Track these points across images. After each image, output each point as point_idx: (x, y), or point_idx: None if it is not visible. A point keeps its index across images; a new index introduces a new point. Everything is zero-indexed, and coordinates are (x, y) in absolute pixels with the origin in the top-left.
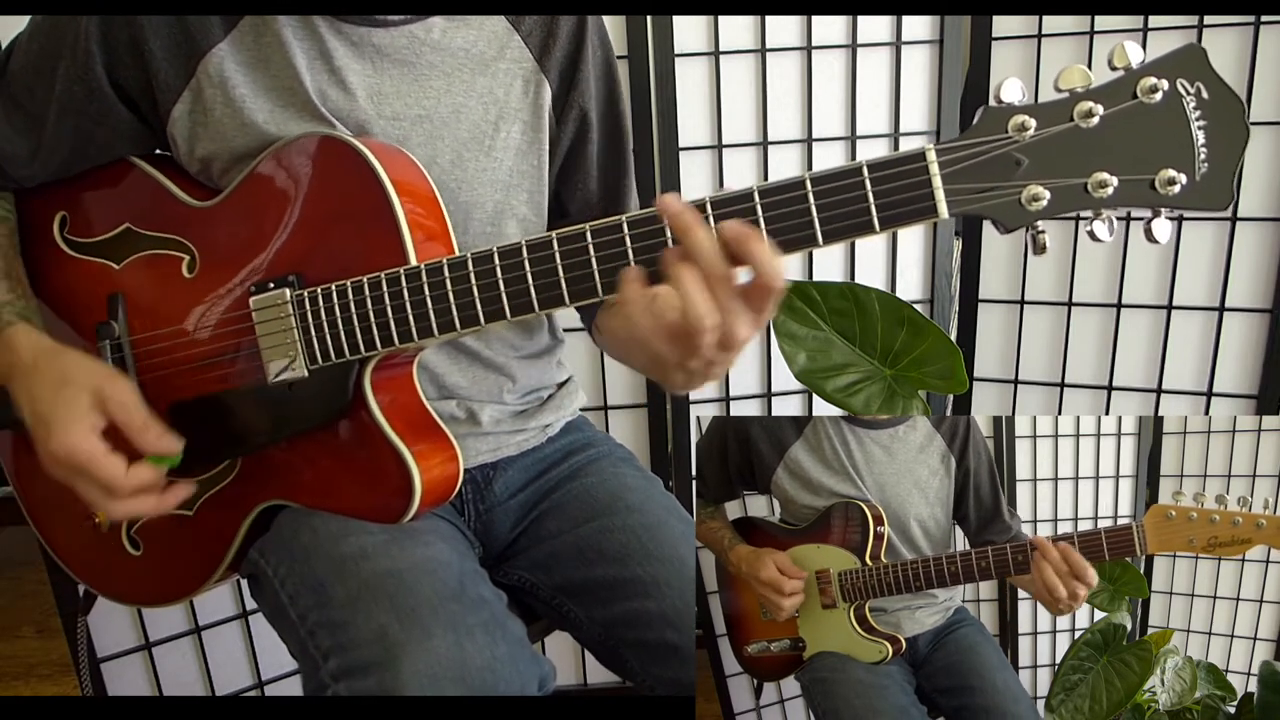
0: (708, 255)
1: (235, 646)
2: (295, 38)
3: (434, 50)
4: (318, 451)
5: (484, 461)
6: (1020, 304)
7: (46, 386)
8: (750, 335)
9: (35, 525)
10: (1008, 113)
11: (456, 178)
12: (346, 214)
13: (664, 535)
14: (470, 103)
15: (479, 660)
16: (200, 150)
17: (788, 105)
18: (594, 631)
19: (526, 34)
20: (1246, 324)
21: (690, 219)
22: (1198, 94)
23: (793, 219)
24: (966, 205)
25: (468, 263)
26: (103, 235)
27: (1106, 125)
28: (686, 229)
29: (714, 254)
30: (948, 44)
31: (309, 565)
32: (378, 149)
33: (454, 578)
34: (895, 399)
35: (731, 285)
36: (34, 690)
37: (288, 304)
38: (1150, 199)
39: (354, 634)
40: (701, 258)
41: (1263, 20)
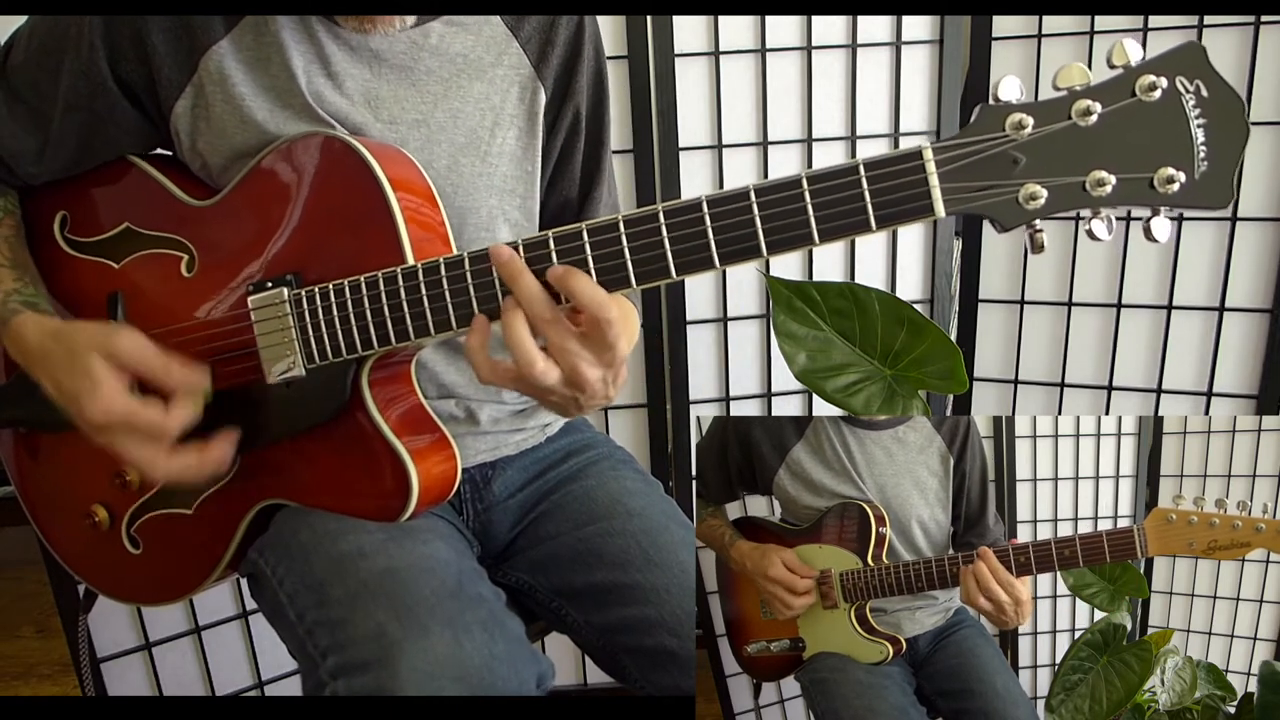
0: (530, 301)
1: (235, 646)
2: (293, 40)
3: (432, 55)
4: (316, 450)
5: (483, 461)
6: (1020, 304)
7: (60, 365)
8: (604, 373)
9: (36, 524)
10: (1005, 111)
11: (452, 183)
12: (344, 213)
13: (664, 541)
14: (467, 108)
15: (477, 658)
16: (201, 146)
17: (788, 105)
18: (592, 636)
19: (525, 40)
20: (1246, 324)
21: (516, 268)
22: (1197, 92)
23: (789, 218)
24: (963, 204)
25: (464, 262)
26: (102, 235)
27: (1105, 123)
28: (512, 278)
29: (538, 299)
30: (948, 44)
31: (307, 564)
32: (376, 148)
33: (452, 576)
34: (895, 399)
35: (561, 327)
36: (34, 690)
37: (285, 303)
38: (1149, 198)
39: (351, 632)
40: (525, 303)
41: (1263, 20)
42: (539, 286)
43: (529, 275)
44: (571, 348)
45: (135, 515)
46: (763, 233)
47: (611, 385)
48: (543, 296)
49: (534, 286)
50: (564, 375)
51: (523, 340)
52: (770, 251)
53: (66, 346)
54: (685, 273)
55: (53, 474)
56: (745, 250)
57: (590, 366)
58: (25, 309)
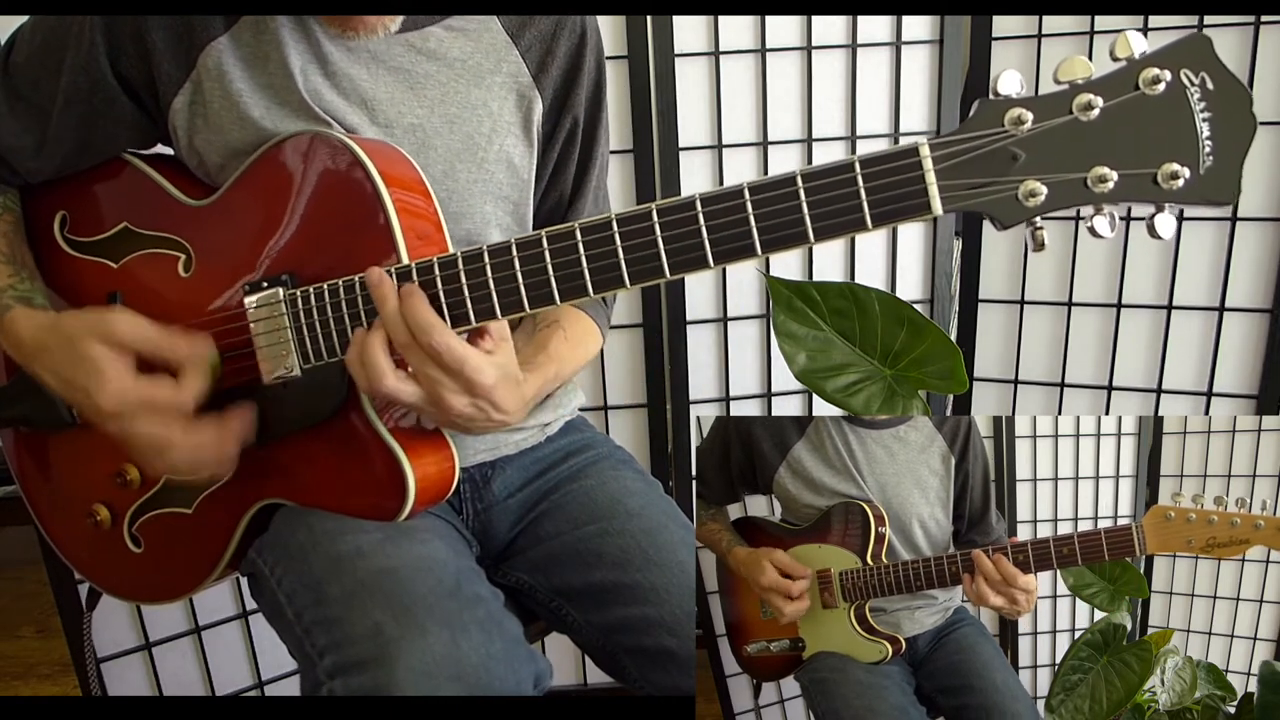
0: (391, 325)
1: (235, 646)
2: (292, 39)
3: (430, 59)
4: (313, 450)
5: (482, 460)
6: (1020, 304)
7: (59, 357)
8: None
9: (40, 523)
10: (1004, 106)
11: (447, 188)
12: (339, 212)
13: (664, 541)
14: (464, 114)
15: (474, 657)
16: (199, 143)
17: (788, 105)
18: (592, 636)
19: (525, 49)
20: (1246, 324)
21: (385, 291)
22: (1202, 84)
23: (784, 216)
24: (961, 201)
25: (458, 261)
26: (101, 234)
27: (1107, 118)
28: (380, 301)
29: (397, 325)
30: (948, 44)
31: (305, 564)
32: (371, 147)
33: (450, 575)
34: (895, 399)
35: (419, 353)
36: (34, 690)
37: (281, 303)
38: (1152, 194)
39: (349, 631)
40: (389, 328)
41: (1263, 20)
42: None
43: (393, 301)
44: (435, 375)
45: (136, 514)
46: (757, 231)
47: (494, 410)
48: (401, 324)
49: (395, 312)
50: (425, 396)
51: (380, 361)
52: (765, 250)
53: (63, 337)
54: (679, 272)
55: (54, 473)
56: (740, 249)
57: (453, 395)
58: (18, 304)
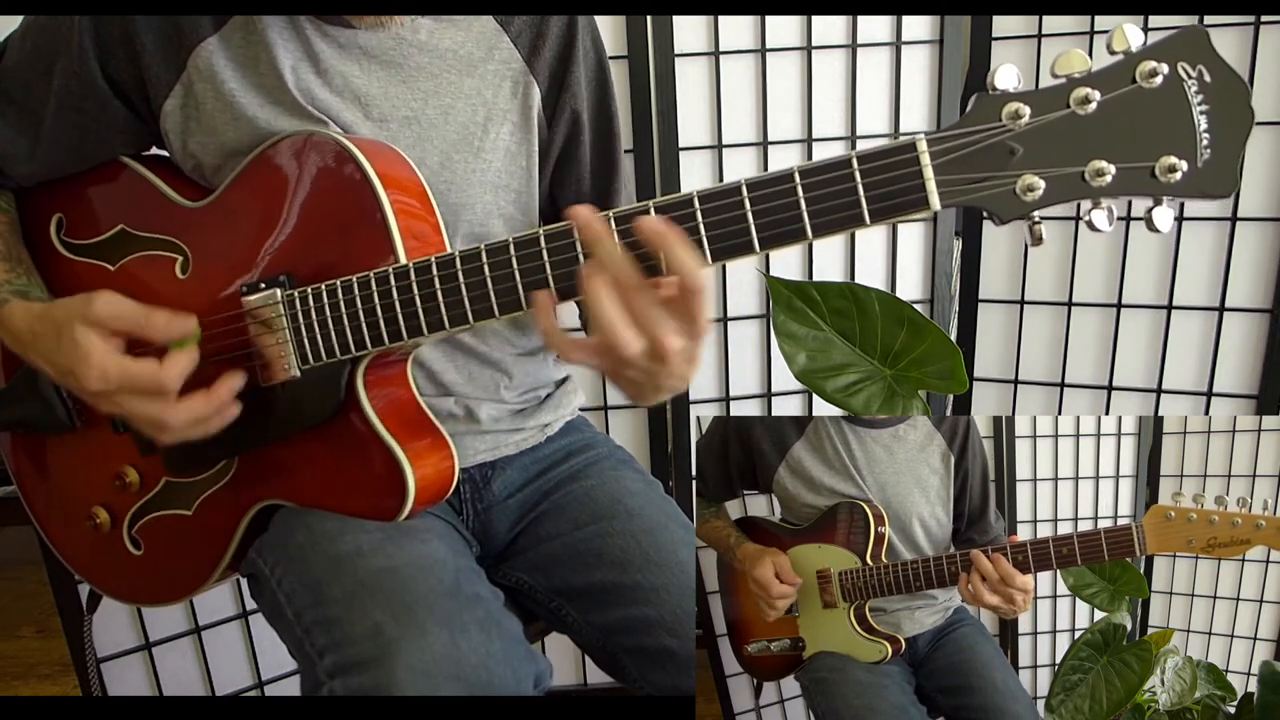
0: (617, 265)
1: (235, 646)
2: (281, 38)
3: (421, 51)
4: (313, 451)
5: (482, 460)
6: (1020, 304)
7: (49, 344)
8: (687, 345)
9: (39, 525)
10: (1002, 100)
11: (445, 179)
12: (336, 213)
13: (664, 541)
14: (458, 104)
15: (473, 657)
16: (193, 145)
17: (788, 105)
18: (592, 636)
19: (515, 35)
20: (1246, 324)
21: (599, 230)
22: (1199, 77)
23: (781, 212)
24: (959, 196)
25: (455, 261)
26: (98, 237)
27: (1104, 111)
28: (595, 240)
29: (623, 264)
30: (948, 44)
31: (305, 564)
32: (367, 146)
33: (450, 575)
34: (895, 399)
35: (648, 293)
36: (34, 690)
37: (279, 304)
38: (1151, 187)
39: (349, 631)
40: (611, 268)
41: (1263, 20)
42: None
43: (613, 239)
44: (656, 316)
45: (136, 516)
46: (755, 228)
47: (690, 362)
48: (630, 261)
49: (620, 250)
50: (648, 346)
51: (611, 305)
52: (763, 247)
53: (51, 324)
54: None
55: (54, 476)
56: (738, 246)
57: (675, 336)
58: (13, 298)
